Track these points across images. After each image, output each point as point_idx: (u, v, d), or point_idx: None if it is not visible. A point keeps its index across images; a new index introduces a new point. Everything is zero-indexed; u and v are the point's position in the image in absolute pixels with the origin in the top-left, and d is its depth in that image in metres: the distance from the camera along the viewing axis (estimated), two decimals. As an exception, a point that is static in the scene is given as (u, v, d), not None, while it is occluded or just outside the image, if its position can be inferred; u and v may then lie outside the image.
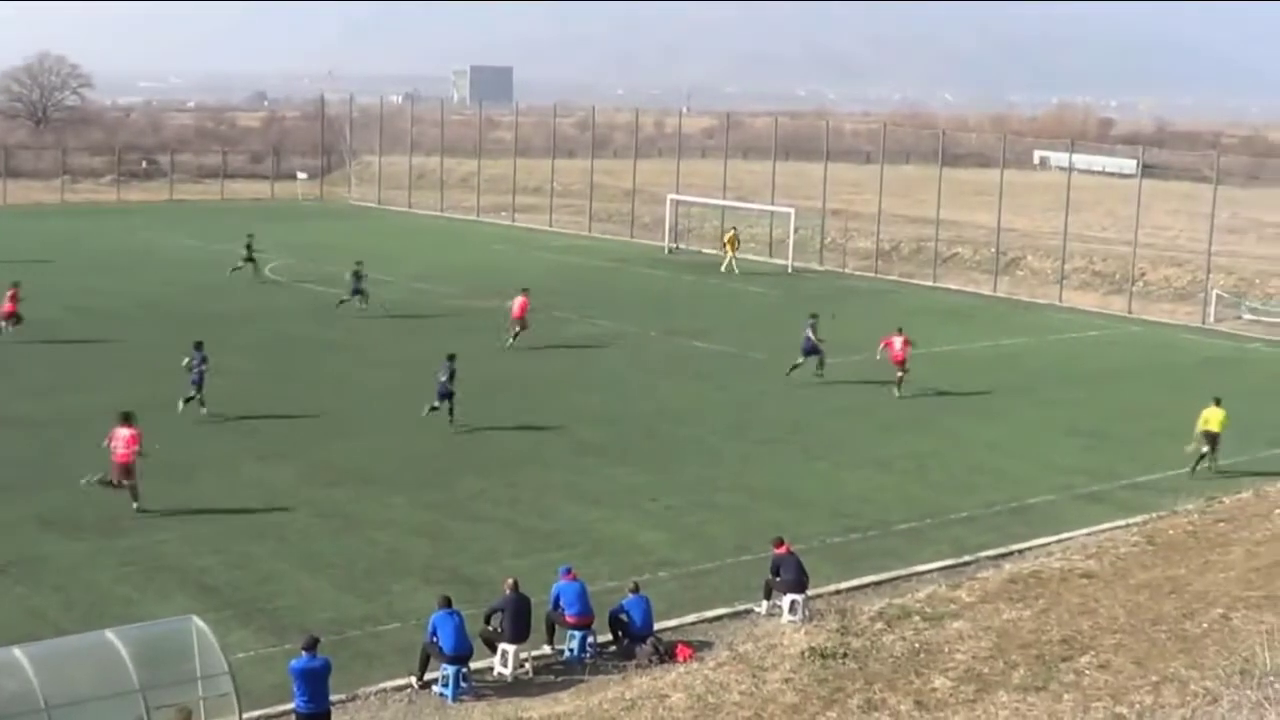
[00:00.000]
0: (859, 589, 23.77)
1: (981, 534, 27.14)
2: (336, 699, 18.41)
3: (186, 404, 33.47)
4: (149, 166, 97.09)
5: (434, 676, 19.75)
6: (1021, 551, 25.65)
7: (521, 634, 20.33)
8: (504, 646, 20.31)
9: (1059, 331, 50.23)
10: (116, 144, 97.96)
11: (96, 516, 26.01)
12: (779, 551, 22.88)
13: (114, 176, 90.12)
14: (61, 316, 46.16)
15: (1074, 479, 31.11)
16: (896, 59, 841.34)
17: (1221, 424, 31.30)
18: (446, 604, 19.85)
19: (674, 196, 70.67)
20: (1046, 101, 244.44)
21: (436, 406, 33.36)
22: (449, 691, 19.51)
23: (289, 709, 17.89)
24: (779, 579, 22.71)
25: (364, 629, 21.50)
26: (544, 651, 21.00)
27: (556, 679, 20.33)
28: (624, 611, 21.23)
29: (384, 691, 19.56)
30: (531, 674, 20.45)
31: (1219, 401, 31.90)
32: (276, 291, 52.86)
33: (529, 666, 20.52)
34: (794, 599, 22.44)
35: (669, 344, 44.91)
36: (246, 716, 17.21)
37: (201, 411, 33.47)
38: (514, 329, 43.15)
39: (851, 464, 31.77)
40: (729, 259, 62.20)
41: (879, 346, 39.19)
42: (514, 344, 42.79)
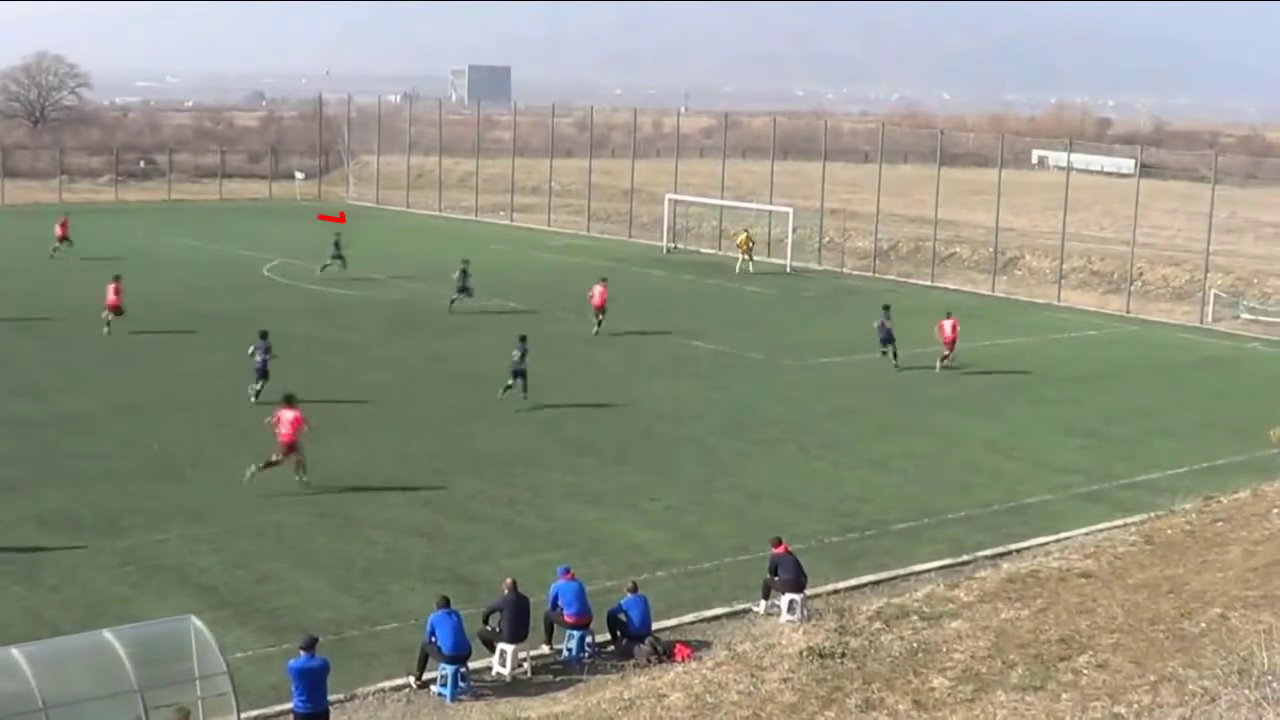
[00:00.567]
0: (857, 588, 23.78)
1: (979, 533, 27.16)
2: (335, 699, 18.40)
3: (258, 392, 34.75)
4: (147, 166, 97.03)
5: (432, 676, 19.75)
6: (1019, 551, 25.65)
7: (520, 634, 20.33)
8: (502, 646, 20.31)
9: (1057, 331, 50.25)
10: (114, 144, 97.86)
11: (94, 517, 26.01)
12: (777, 551, 22.89)
13: (112, 176, 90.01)
14: (59, 316, 46.11)
15: (1072, 478, 31.13)
16: (894, 59, 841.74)
17: None
18: (445, 604, 19.85)
19: (672, 196, 70.69)
20: (1044, 101, 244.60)
21: (510, 384, 35.47)
22: (447, 691, 19.51)
23: (287, 709, 17.88)
24: (777, 579, 22.72)
25: (362, 629, 21.49)
26: (542, 651, 21.00)
27: (555, 679, 20.34)
28: (622, 611, 21.23)
29: (382, 691, 19.56)
30: (530, 674, 20.46)
31: None
32: (274, 291, 52.82)
33: (527, 666, 20.53)
34: (792, 598, 22.45)
35: (667, 343, 44.90)
36: (245, 716, 17.19)
37: (252, 400, 34.48)
38: (598, 317, 45.67)
39: (849, 464, 31.77)
40: (742, 260, 61.99)
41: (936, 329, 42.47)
42: (599, 331, 45.32)
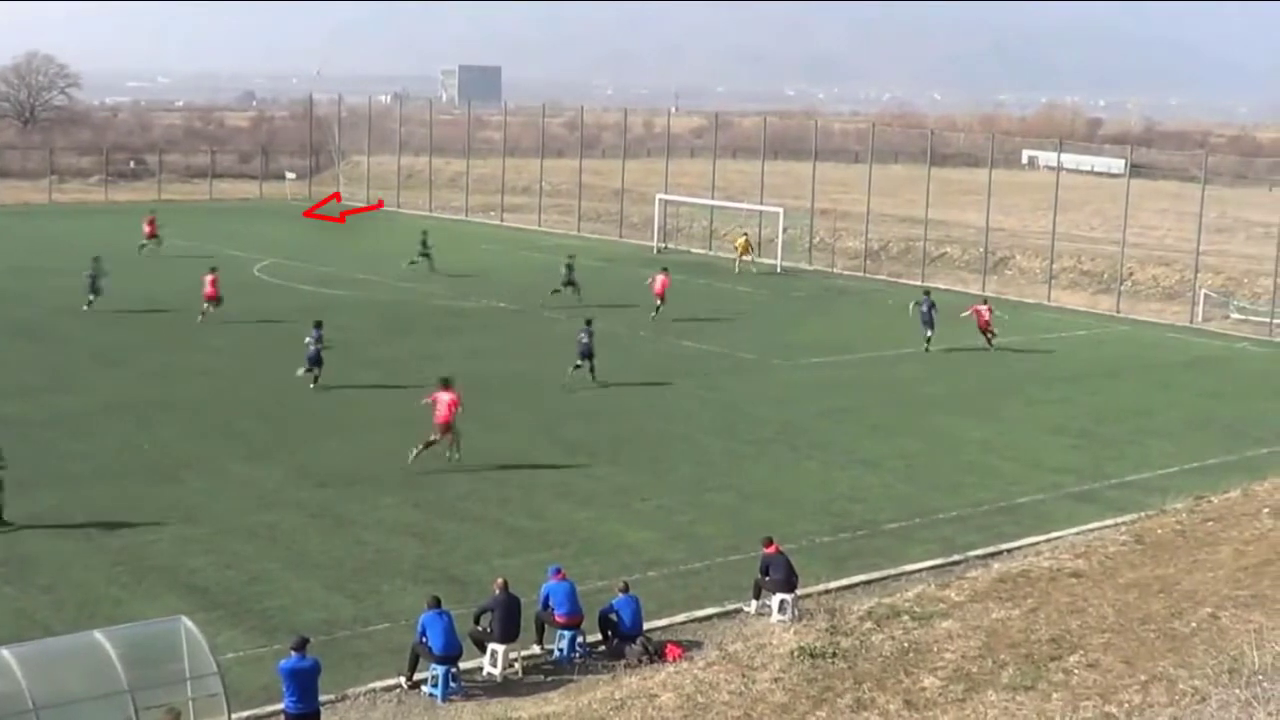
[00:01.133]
0: (848, 588, 23.79)
1: (970, 533, 27.20)
2: (326, 699, 18.40)
3: (308, 374, 36.62)
4: (137, 166, 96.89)
5: (423, 676, 19.75)
6: (1010, 551, 25.67)
7: (511, 634, 20.33)
8: (493, 646, 20.30)
9: (1047, 331, 50.31)
10: (104, 144, 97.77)
11: (86, 517, 25.97)
12: (768, 551, 22.91)
13: (102, 176, 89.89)
14: (51, 316, 46.05)
15: (1063, 478, 31.17)
16: (885, 59, 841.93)
17: None
18: (436, 604, 19.85)
19: (663, 196, 70.70)
20: (1035, 101, 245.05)
21: (579, 365, 37.63)
22: (438, 691, 19.51)
23: (278, 709, 17.87)
24: (768, 578, 22.73)
25: (353, 629, 21.48)
26: (533, 651, 21.00)
27: (546, 679, 20.34)
28: (613, 611, 21.24)
29: (373, 692, 19.55)
30: (521, 674, 20.46)
31: None
32: (265, 291, 52.76)
33: (518, 666, 20.53)
34: (783, 598, 22.47)
35: (658, 343, 44.91)
36: (236, 717, 17.16)
37: (311, 386, 36.21)
38: (658, 304, 48.17)
39: (841, 463, 31.79)
40: (741, 263, 61.96)
41: (968, 312, 45.91)
42: (656, 318, 47.69)
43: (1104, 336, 50.51)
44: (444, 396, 30.15)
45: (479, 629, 20.47)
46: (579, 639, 21.02)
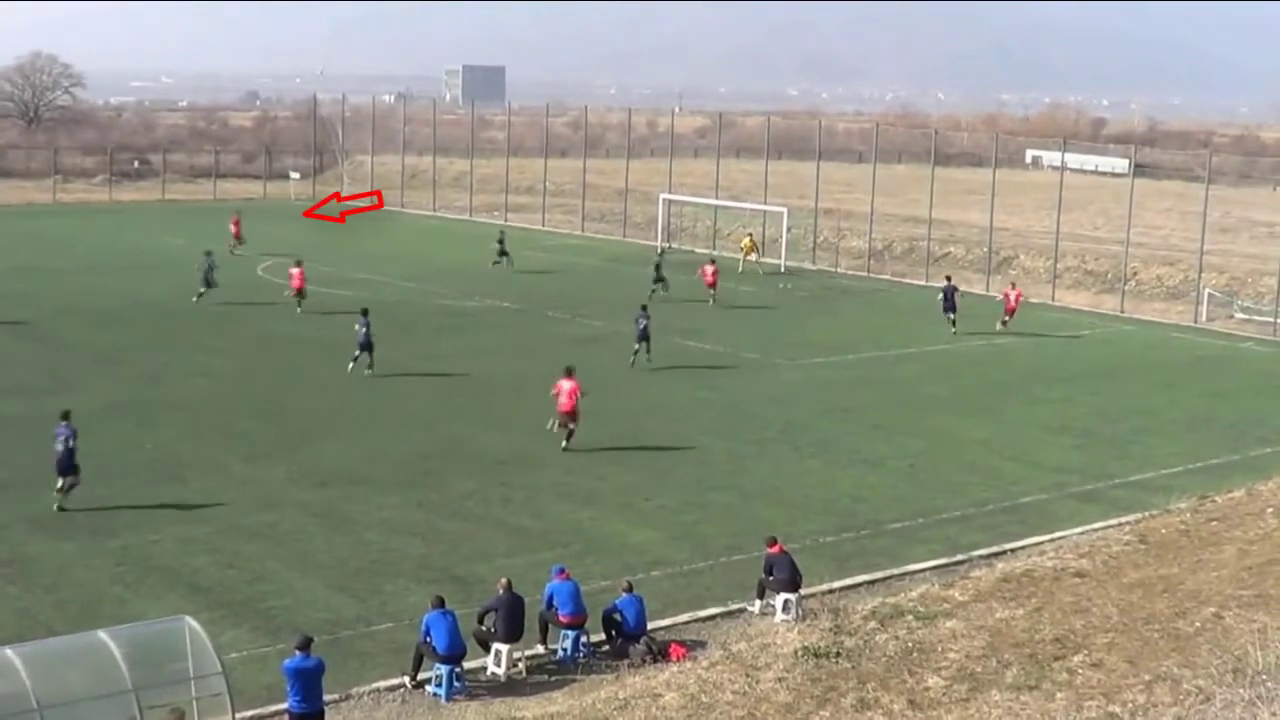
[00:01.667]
0: (852, 588, 23.78)
1: (974, 533, 27.17)
2: (330, 699, 18.38)
3: (360, 361, 38.01)
4: (141, 166, 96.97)
5: (427, 676, 19.74)
6: (1014, 550, 25.63)
7: (515, 634, 20.32)
8: (497, 646, 20.29)
9: (1051, 330, 50.26)
10: (109, 144, 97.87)
11: (87, 517, 25.98)
12: (772, 551, 22.88)
13: (106, 176, 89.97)
14: (53, 316, 46.08)
15: (1066, 478, 31.14)
16: (888, 59, 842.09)
17: None
18: (440, 604, 19.85)
19: (666, 196, 70.69)
20: (1039, 101, 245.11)
21: (637, 349, 40.16)
22: (442, 691, 19.50)
23: (282, 709, 17.86)
24: (772, 578, 22.72)
25: (357, 629, 21.48)
26: (537, 651, 21.00)
27: (550, 679, 20.33)
28: (617, 611, 21.22)
29: (377, 691, 19.55)
30: (525, 673, 20.44)
31: None
32: (270, 291, 52.76)
33: (522, 666, 20.52)
34: (787, 598, 22.45)
35: (661, 343, 44.83)
36: (240, 716, 17.18)
37: (366, 372, 37.82)
38: (711, 294, 52.06)
39: (844, 463, 31.77)
40: (745, 262, 62.01)
41: (1000, 296, 50.50)
42: (714, 303, 51.77)
43: (1108, 336, 50.45)
44: (566, 385, 31.59)
45: (483, 629, 20.46)
46: (583, 639, 21.01)
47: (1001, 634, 17.24)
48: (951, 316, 47.68)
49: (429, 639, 19.56)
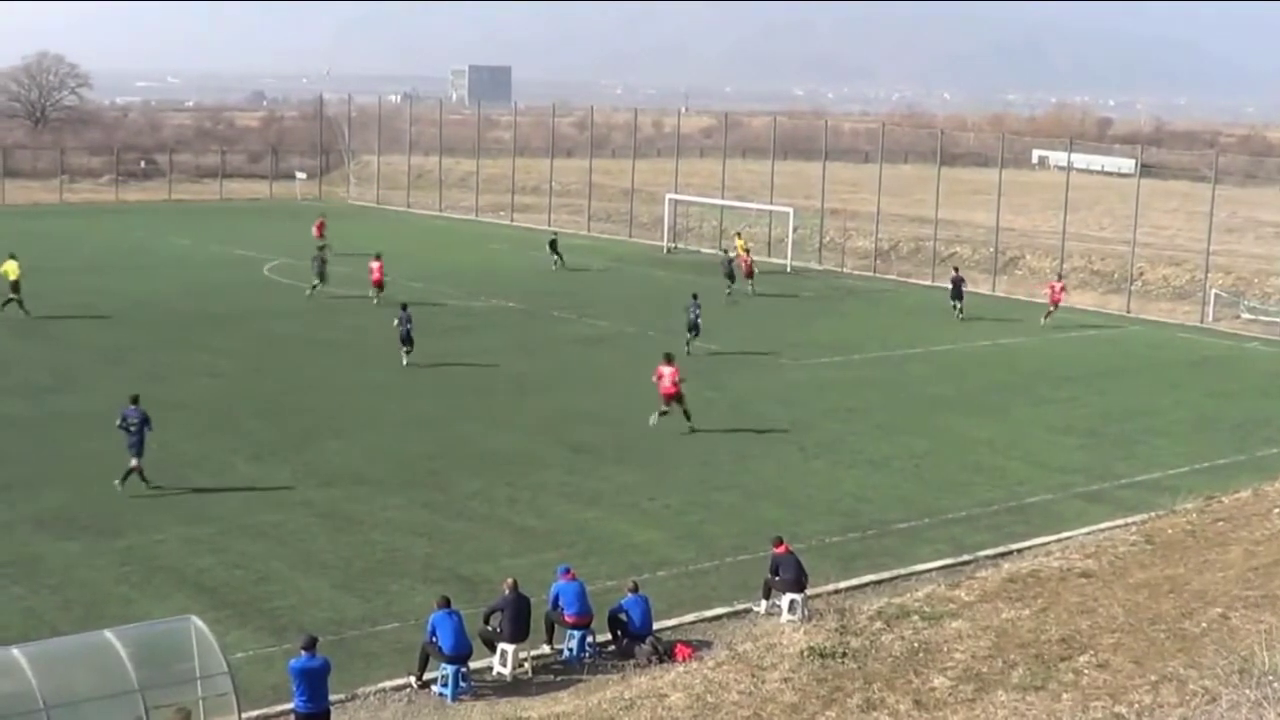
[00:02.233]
0: (858, 588, 23.76)
1: (980, 533, 27.14)
2: (336, 699, 18.39)
3: (407, 355, 39.38)
4: (147, 166, 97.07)
5: (433, 676, 19.74)
6: (1020, 551, 25.61)
7: (521, 634, 20.32)
8: (503, 646, 20.30)
9: (1057, 330, 50.19)
10: (115, 144, 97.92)
11: (93, 516, 26.00)
12: (778, 551, 22.87)
13: (112, 176, 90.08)
14: (58, 316, 46.13)
15: (1072, 478, 31.10)
16: (894, 59, 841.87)
17: None
18: (445, 604, 19.84)
19: (672, 196, 70.67)
20: (1045, 101, 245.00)
21: (690, 338, 42.15)
22: (448, 691, 19.51)
23: (288, 709, 17.87)
24: (778, 578, 22.70)
25: (362, 629, 21.48)
26: (543, 651, 20.99)
27: (556, 679, 20.33)
28: (623, 611, 21.22)
29: (383, 691, 19.55)
30: (531, 674, 20.45)
31: None
32: (275, 291, 52.83)
33: (528, 666, 20.52)
34: (793, 598, 22.44)
35: (667, 343, 44.79)
36: (246, 716, 17.18)
37: (404, 362, 39.18)
38: (749, 283, 54.76)
39: (849, 463, 31.75)
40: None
41: (1045, 289, 52.27)
42: (754, 291, 54.45)
43: (1114, 336, 50.40)
44: (665, 370, 33.18)
45: (488, 629, 20.47)
46: (588, 639, 21.00)
47: (1007, 634, 17.23)
48: (957, 304, 50.74)
49: (434, 639, 19.56)
